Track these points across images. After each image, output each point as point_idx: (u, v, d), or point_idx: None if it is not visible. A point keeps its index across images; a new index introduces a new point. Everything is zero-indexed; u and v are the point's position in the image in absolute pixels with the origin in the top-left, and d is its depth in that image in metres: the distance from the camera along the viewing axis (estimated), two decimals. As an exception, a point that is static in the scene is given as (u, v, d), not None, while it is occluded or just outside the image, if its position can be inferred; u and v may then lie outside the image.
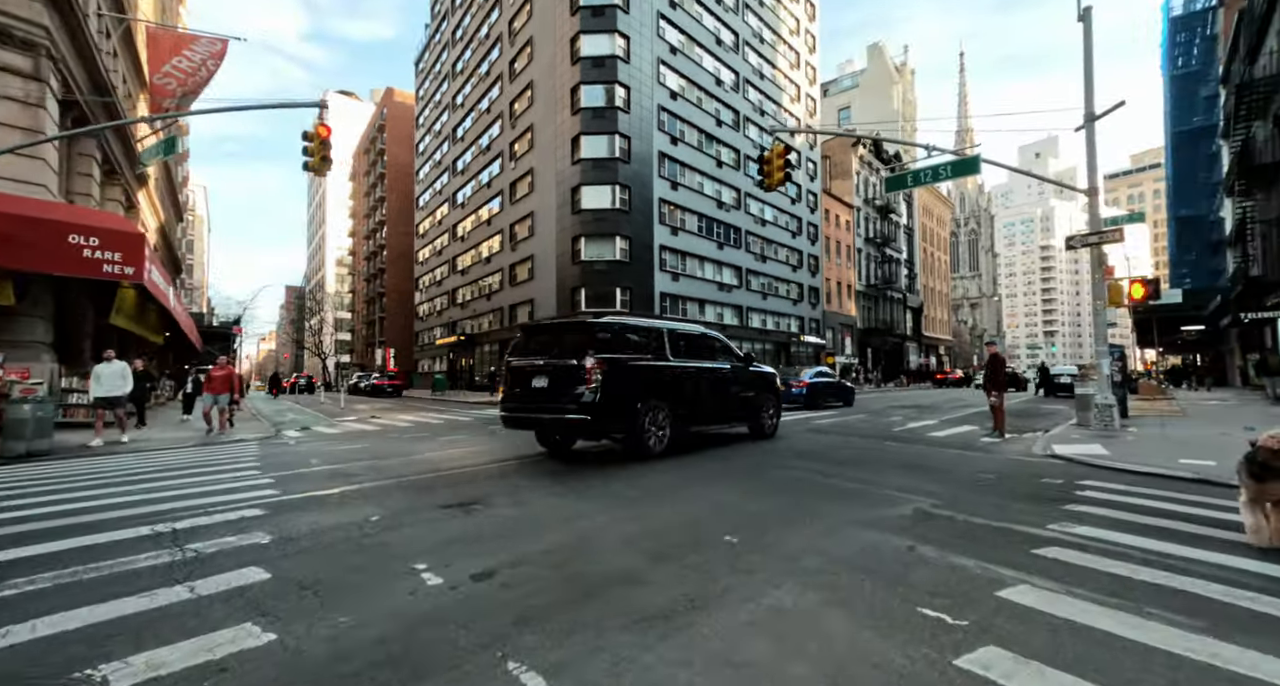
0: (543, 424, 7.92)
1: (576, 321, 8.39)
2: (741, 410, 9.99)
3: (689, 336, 9.22)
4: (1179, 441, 8.88)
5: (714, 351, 9.69)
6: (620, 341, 7.81)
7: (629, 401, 7.60)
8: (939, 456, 8.11)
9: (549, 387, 7.54)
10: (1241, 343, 32.19)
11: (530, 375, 7.79)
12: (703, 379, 9.04)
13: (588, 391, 7.16)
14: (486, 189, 41.21)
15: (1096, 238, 10.95)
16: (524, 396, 7.80)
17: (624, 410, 7.54)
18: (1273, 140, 22.40)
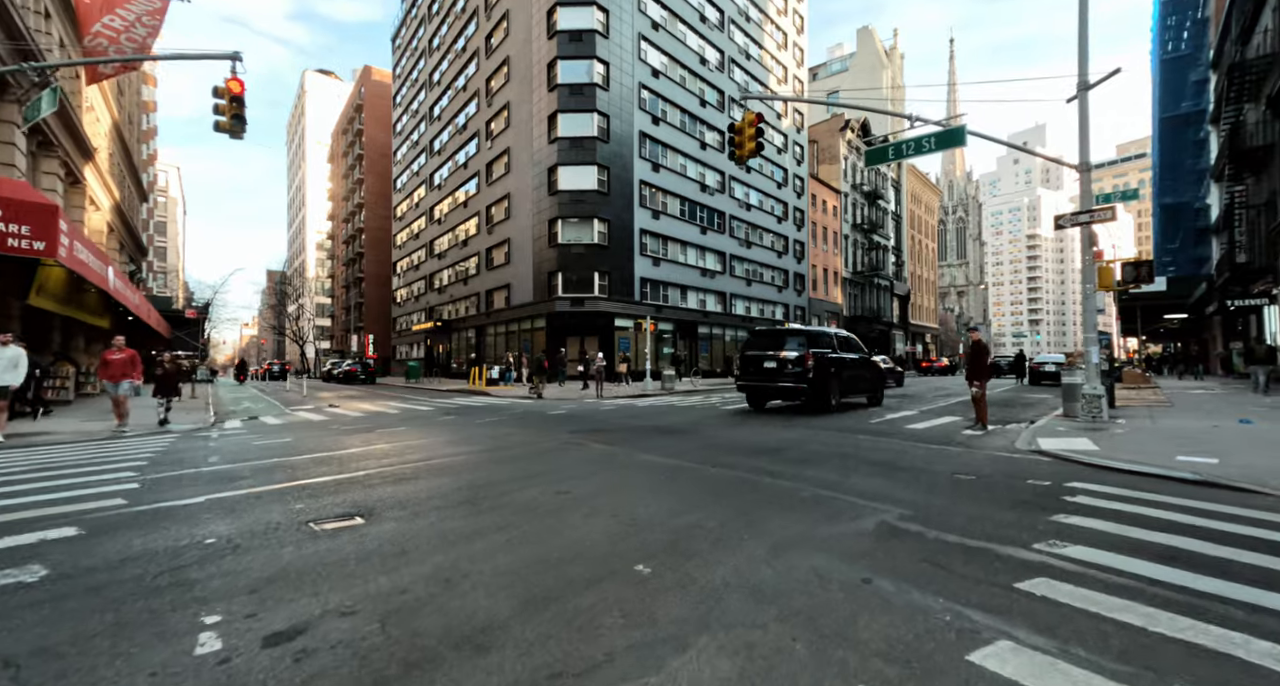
0: (767, 390, 12.91)
1: (795, 329, 13.13)
2: (866, 386, 14.57)
3: (842, 337, 14.12)
4: (1172, 435, 8.23)
5: (854, 347, 14.46)
6: (815, 341, 12.85)
7: (822, 378, 12.49)
8: (915, 453, 7.38)
9: (776, 369, 12.55)
10: (1224, 331, 32.00)
11: (762, 361, 12.86)
12: (850, 365, 13.72)
13: (805, 371, 12.18)
14: (463, 170, 39.86)
15: (1088, 216, 10.23)
16: (756, 374, 12.94)
17: (820, 382, 12.48)
18: (1264, 122, 21.84)
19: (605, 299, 29.22)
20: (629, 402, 17.30)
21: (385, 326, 57.84)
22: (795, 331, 12.98)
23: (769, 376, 12.61)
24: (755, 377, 12.90)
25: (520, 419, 12.17)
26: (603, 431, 9.80)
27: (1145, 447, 7.25)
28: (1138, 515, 4.32)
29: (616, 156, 30.26)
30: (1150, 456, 6.62)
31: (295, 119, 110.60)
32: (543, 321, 29.91)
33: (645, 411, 13.73)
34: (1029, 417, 12.11)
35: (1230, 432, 8.26)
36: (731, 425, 10.60)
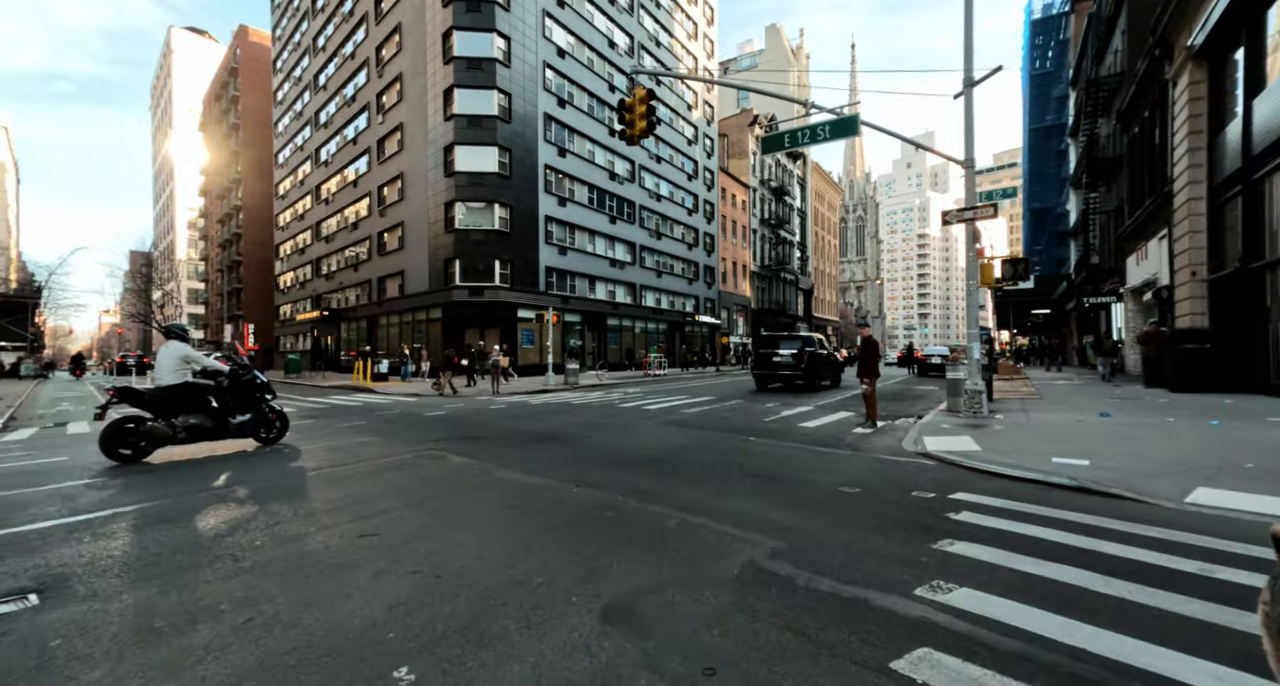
0: (774, 376, 17.92)
1: (791, 334, 18.81)
2: (830, 373, 19.23)
3: (816, 339, 18.85)
4: (1045, 431, 8.35)
5: (823, 346, 19.17)
6: (806, 342, 18.09)
7: (811, 367, 17.54)
8: (802, 460, 6.92)
9: (781, 361, 17.73)
10: (1079, 325, 35.48)
11: (770, 356, 18.06)
12: (823, 359, 18.45)
13: (800, 363, 17.36)
14: (353, 145, 36.48)
15: (971, 213, 10.33)
16: (766, 365, 18.03)
17: (810, 370, 17.52)
18: (1115, 136, 24.01)
19: (507, 288, 27.69)
20: (523, 400, 16.18)
21: (267, 315, 52.52)
22: (792, 336, 18.90)
23: (775, 366, 18.02)
24: (765, 367, 18.23)
25: (388, 423, 10.78)
26: (474, 438, 8.71)
27: (1022, 447, 7.20)
28: (1023, 538, 3.91)
29: (519, 138, 28.65)
30: (1028, 457, 6.51)
31: (161, 82, 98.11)
32: (439, 312, 27.91)
33: (535, 411, 12.71)
34: (917, 411, 12.28)
35: (1094, 428, 8.49)
36: (621, 429, 9.84)
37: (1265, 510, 4.45)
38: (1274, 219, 12.08)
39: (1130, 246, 21.77)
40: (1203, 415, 9.33)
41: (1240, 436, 7.29)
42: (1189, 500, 4.81)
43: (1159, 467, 5.81)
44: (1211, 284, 14.96)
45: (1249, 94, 12.91)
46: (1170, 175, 16.88)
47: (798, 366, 17.52)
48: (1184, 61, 15.45)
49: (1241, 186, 13.06)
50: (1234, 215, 14.01)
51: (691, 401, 14.68)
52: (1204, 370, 13.20)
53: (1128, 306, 22.33)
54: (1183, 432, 7.73)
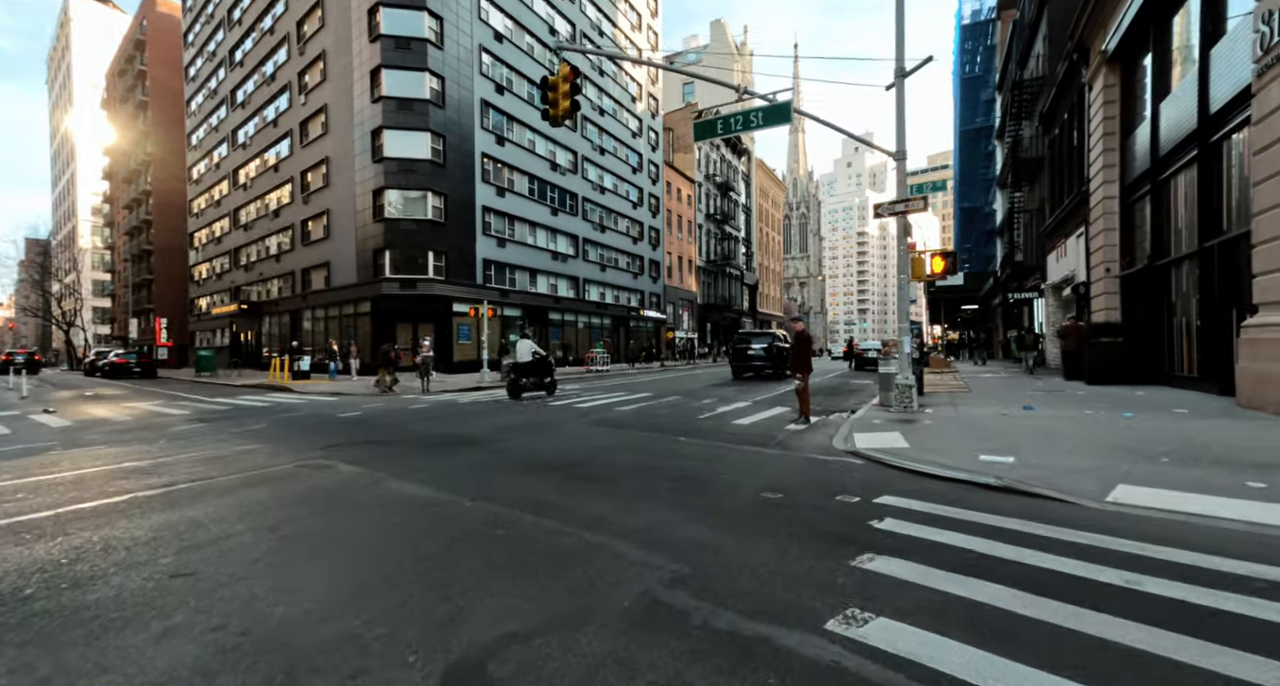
0: (748, 366, 20.82)
1: (765, 332, 21.59)
2: None
3: (780, 335, 22.14)
4: (971, 426, 8.31)
5: (785, 341, 21.50)
6: (773, 338, 21.34)
7: (779, 360, 20.40)
8: (728, 461, 6.54)
9: (754, 354, 20.81)
10: (1004, 320, 37.19)
11: (746, 350, 21.02)
12: (788, 350, 17.75)
13: (769, 356, 20.43)
14: (273, 127, 34.00)
15: (903, 205, 10.24)
16: (742, 357, 21.05)
17: (779, 363, 20.32)
18: (1037, 137, 25.06)
19: (442, 281, 26.42)
20: (452, 399, 15.30)
21: (182, 309, 48.73)
22: (762, 333, 22.27)
23: (749, 359, 21.09)
24: (741, 360, 21.35)
25: (289, 426, 9.78)
26: (378, 443, 7.92)
27: (950, 443, 7.07)
28: (946, 549, 3.59)
29: (454, 125, 27.34)
30: (955, 455, 6.34)
31: (58, 54, 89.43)
32: (368, 305, 26.36)
33: (460, 411, 11.92)
34: (851, 406, 12.23)
35: (1018, 422, 8.51)
36: (546, 430, 9.23)
37: (1179, 508, 4.35)
38: (1179, 218, 12.65)
39: (1051, 244, 22.76)
40: (1117, 407, 9.56)
41: (1152, 430, 7.40)
42: (1110, 499, 4.67)
43: (1080, 463, 5.72)
44: (1124, 280, 15.67)
45: (1156, 98, 13.47)
46: (1087, 175, 17.61)
47: (768, 358, 20.90)
48: (1099, 65, 16.07)
49: (1150, 186, 13.65)
50: (1143, 214, 14.67)
51: (628, 399, 14.22)
52: (1117, 363, 13.75)
53: (1048, 302, 23.38)
54: (1100, 426, 7.81)
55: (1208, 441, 6.48)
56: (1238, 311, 10.12)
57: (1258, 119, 8.46)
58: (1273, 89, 8.06)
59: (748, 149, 71.35)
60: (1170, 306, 13.24)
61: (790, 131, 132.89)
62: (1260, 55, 8.31)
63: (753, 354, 20.94)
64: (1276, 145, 8.03)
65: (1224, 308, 10.43)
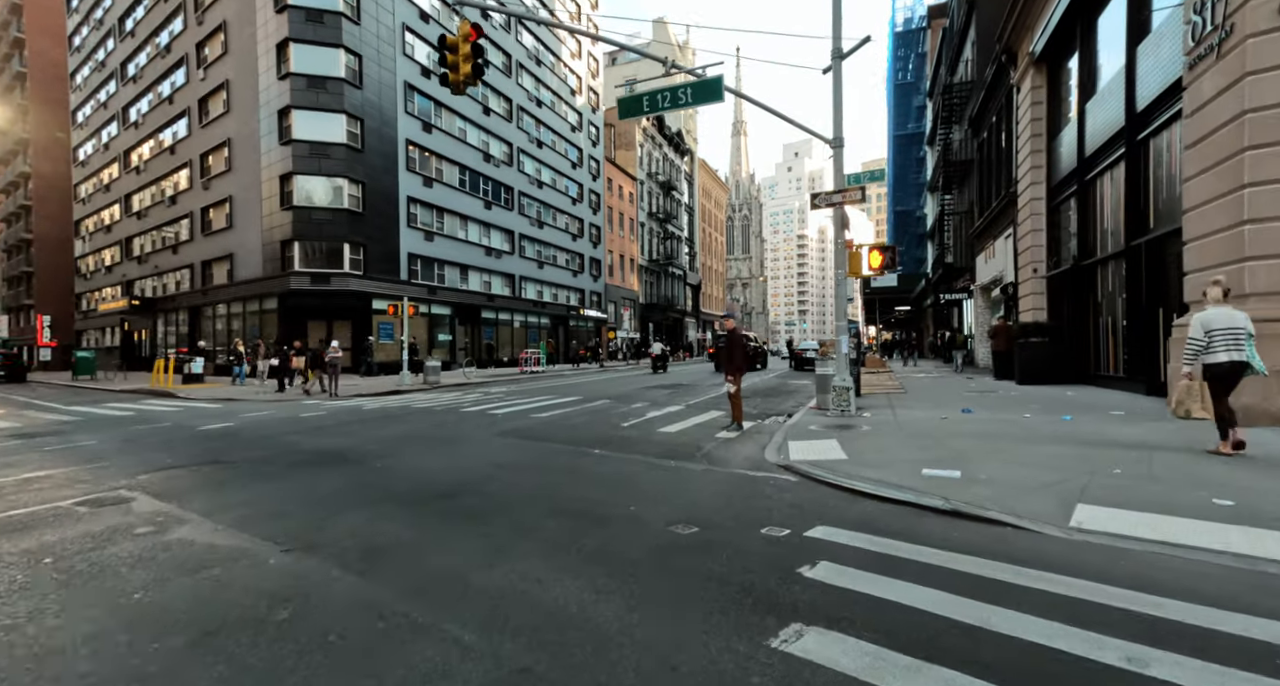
0: None
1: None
2: (759, 360, 28.49)
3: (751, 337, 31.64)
4: (912, 431, 7.69)
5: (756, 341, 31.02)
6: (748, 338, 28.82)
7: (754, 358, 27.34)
8: (642, 481, 5.57)
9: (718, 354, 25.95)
10: (935, 321, 38.26)
11: None
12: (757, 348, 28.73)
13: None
14: (169, 105, 30.70)
15: (840, 195, 9.61)
16: None
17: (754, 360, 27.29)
18: (966, 140, 25.59)
19: (360, 276, 24.39)
20: (358, 404, 13.73)
21: (67, 305, 43.77)
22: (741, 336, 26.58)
23: None
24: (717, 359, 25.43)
25: (131, 442, 8.12)
26: (227, 463, 6.51)
27: (891, 453, 6.36)
28: (894, 610, 2.72)
29: (374, 108, 25.33)
30: (897, 468, 5.61)
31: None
32: (274, 302, 24.01)
33: (358, 419, 10.48)
34: (788, 409, 11.58)
35: (959, 427, 7.98)
36: (443, 443, 8.01)
37: (1152, 535, 3.70)
38: (1105, 218, 12.69)
39: (980, 245, 23.18)
40: (1053, 409, 9.24)
41: (1095, 435, 6.96)
42: (1074, 522, 3.99)
43: (1032, 477, 5.08)
44: (1050, 281, 15.82)
45: (1083, 98, 13.54)
46: (1015, 177, 17.80)
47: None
48: (1026, 67, 16.19)
49: (1077, 187, 13.71)
50: (1069, 215, 14.80)
51: (553, 403, 13.09)
52: (1046, 363, 13.74)
53: (978, 302, 23.83)
54: (1042, 432, 7.33)
55: (1155, 449, 6.02)
56: (1165, 311, 10.04)
57: (1189, 112, 8.26)
58: (1205, 80, 7.84)
59: (690, 148, 71.30)
60: (1096, 306, 13.31)
61: (732, 134, 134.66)
62: (1191, 46, 8.09)
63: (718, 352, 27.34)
64: (1209, 139, 7.81)
65: (1151, 307, 10.36)
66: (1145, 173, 10.76)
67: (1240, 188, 7.21)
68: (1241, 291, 7.20)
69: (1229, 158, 7.39)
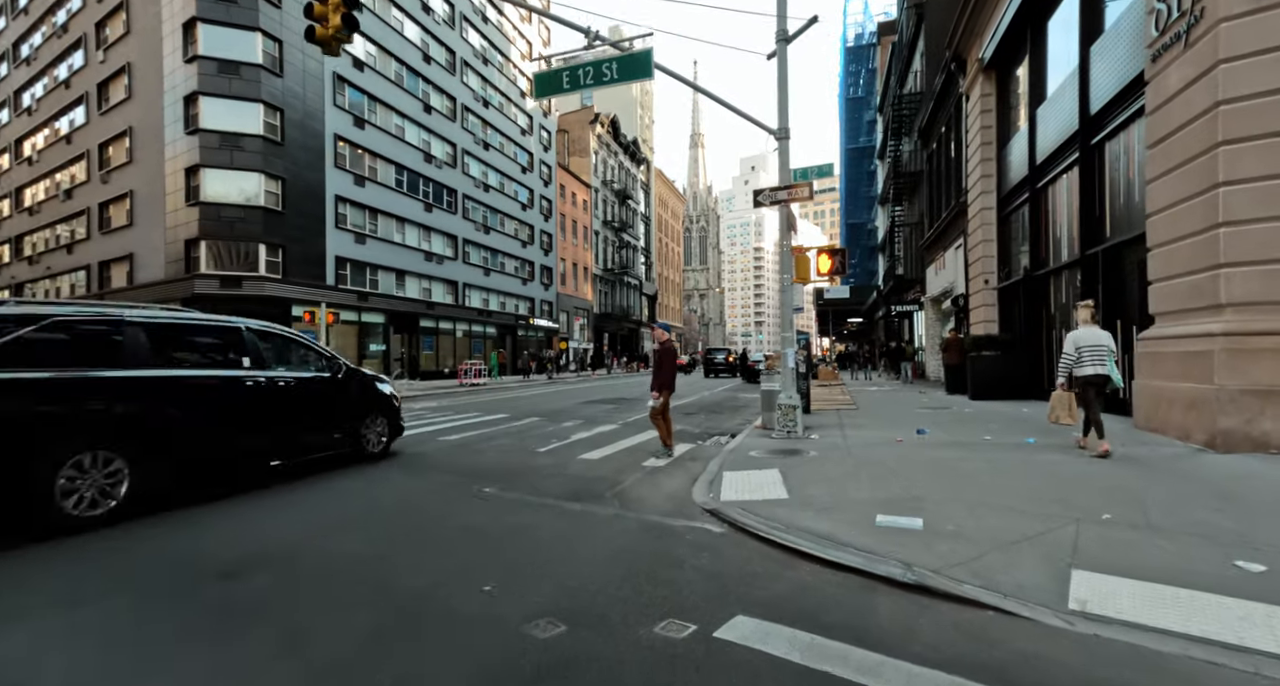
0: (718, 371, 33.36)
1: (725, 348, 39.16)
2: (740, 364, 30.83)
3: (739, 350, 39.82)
4: (864, 460, 6.68)
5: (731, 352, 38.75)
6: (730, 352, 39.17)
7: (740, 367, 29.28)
8: (524, 541, 4.30)
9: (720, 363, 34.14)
10: (886, 332, 38.38)
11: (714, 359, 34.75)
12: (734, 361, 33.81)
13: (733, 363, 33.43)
14: (65, 89, 27.83)
15: (785, 192, 8.66)
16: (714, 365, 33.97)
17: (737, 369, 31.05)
18: (916, 151, 25.52)
19: (278, 280, 22.30)
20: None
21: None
22: (722, 348, 36.69)
23: (718, 366, 33.22)
24: (712, 367, 33.19)
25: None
26: None
27: (840, 489, 5.29)
28: None
29: (297, 98, 23.40)
30: (846, 512, 4.52)
31: None
32: (176, 308, 21.64)
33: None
34: (732, 428, 10.54)
35: (915, 454, 7.03)
36: (278, 493, 6.54)
37: (1183, 627, 2.69)
38: (1058, 226, 12.22)
39: (930, 257, 22.95)
40: (1014, 430, 8.45)
41: (1065, 465, 6.09)
42: (1075, 603, 2.95)
43: (1008, 527, 4.06)
44: (1002, 292, 15.39)
45: (1034, 103, 13.14)
46: (965, 187, 17.46)
47: (729, 365, 33.19)
48: (976, 74, 15.85)
49: (1028, 195, 13.26)
50: (1020, 224, 14.38)
51: (473, 422, 11.66)
52: (999, 377, 13.15)
53: (928, 314, 23.57)
54: (1007, 460, 6.43)
55: (1140, 485, 5.14)
56: (1124, 322, 9.46)
57: (1152, 108, 7.64)
58: (1171, 72, 7.21)
59: (646, 157, 70.86)
60: (1049, 318, 12.81)
61: (690, 146, 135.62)
62: (1155, 36, 7.48)
63: (719, 362, 33.55)
64: (1175, 136, 7.17)
65: (1108, 319, 9.77)
66: (1101, 178, 10.25)
67: (1213, 187, 6.54)
68: (1216, 301, 6.51)
69: (1200, 155, 6.73)
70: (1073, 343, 6.42)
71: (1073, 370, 6.42)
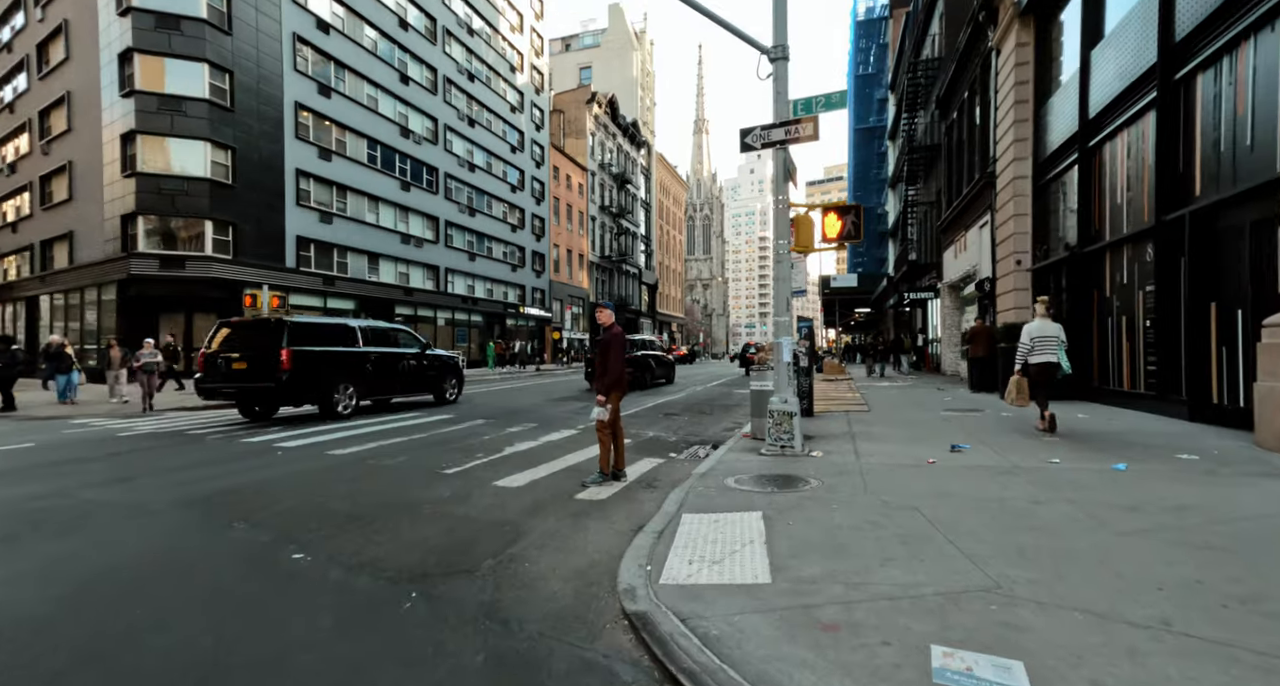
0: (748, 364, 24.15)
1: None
2: None
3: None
4: (890, 502, 4.58)
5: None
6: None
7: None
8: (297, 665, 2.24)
9: None
10: (896, 323, 36.14)
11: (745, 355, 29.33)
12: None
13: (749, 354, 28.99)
14: (7, 53, 25.74)
15: (783, 131, 6.49)
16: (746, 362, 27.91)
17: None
18: (933, 122, 23.18)
19: (228, 260, 20.25)
20: (166, 426, 9.94)
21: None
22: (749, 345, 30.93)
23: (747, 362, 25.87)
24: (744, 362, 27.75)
25: None
26: None
27: (857, 569, 3.19)
28: None
29: (249, 60, 21.20)
30: (873, 630, 2.42)
31: None
32: (113, 290, 19.63)
33: (81, 452, 6.80)
34: (716, 434, 8.48)
35: (963, 491, 4.91)
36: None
37: None
38: (1119, 190, 10.01)
39: (948, 239, 20.71)
40: (1086, 448, 6.32)
41: (1201, 509, 3.96)
42: None
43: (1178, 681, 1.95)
44: (1036, 273, 13.21)
45: (1086, 46, 10.88)
46: (993, 156, 15.21)
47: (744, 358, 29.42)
48: (1010, 22, 13.56)
49: (1077, 155, 11.05)
50: (1062, 193, 12.18)
51: (398, 426, 9.62)
52: (1040, 373, 10.97)
53: (944, 302, 21.36)
54: (1108, 503, 4.29)
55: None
56: (1218, 306, 7.30)
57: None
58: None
59: (647, 141, 68.29)
60: (1104, 303, 10.64)
61: (694, 132, 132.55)
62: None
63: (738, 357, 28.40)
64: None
65: (1198, 302, 7.61)
66: (1189, 121, 8.04)
67: None
68: None
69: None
70: (1028, 334, 7.28)
71: (1027, 358, 7.22)
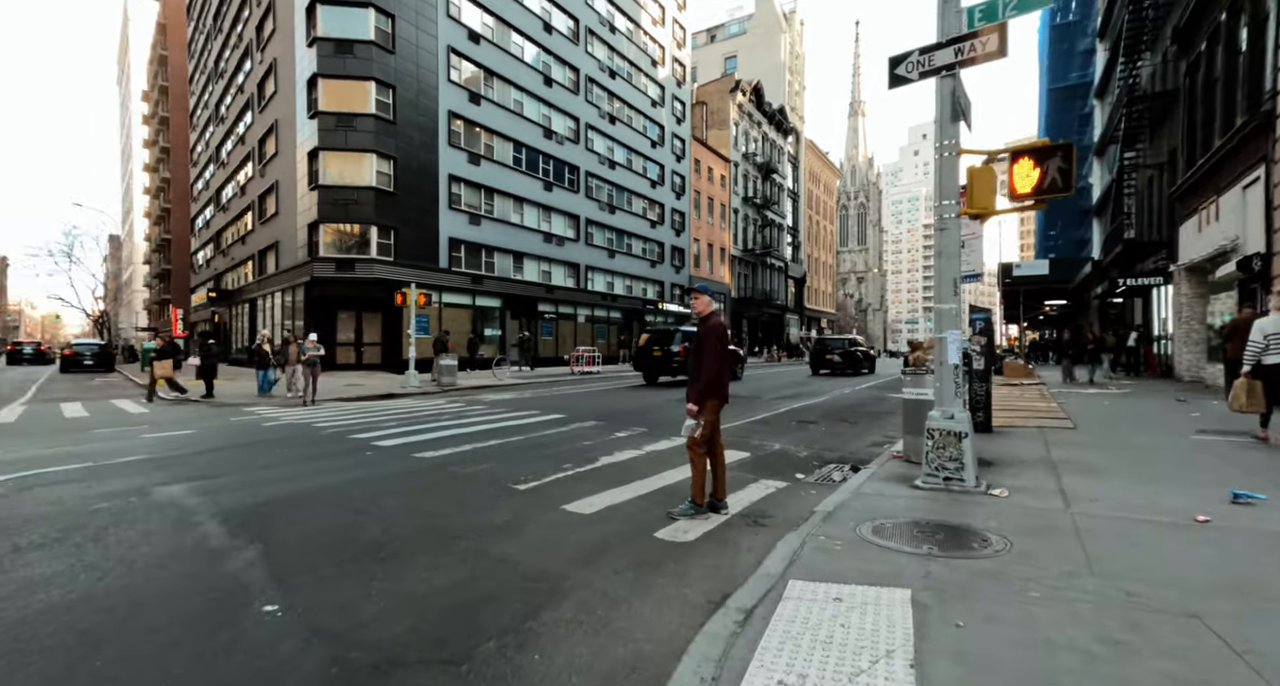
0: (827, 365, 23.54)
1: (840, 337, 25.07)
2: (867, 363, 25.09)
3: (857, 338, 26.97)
4: (1133, 601, 2.82)
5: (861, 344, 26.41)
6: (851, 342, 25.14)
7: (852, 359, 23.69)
8: None
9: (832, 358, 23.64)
10: (1101, 318, 29.64)
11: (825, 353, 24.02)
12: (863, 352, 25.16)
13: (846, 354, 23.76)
14: (240, 94, 30.82)
15: (953, 51, 4.73)
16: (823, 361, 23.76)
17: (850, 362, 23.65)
18: (1168, 62, 18.18)
19: (389, 262, 22.13)
20: (304, 418, 10.74)
21: (189, 298, 47.29)
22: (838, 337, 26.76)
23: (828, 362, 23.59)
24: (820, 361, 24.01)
25: None
26: None
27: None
28: None
29: (410, 75, 22.92)
30: None
31: (122, 51, 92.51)
32: (302, 292, 22.41)
33: (201, 448, 7.25)
34: (853, 453, 6.84)
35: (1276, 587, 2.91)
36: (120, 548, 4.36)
37: None
38: None
39: (1189, 207, 16.01)
40: None
41: None
42: None
43: None
44: (1349, 245, 9.32)
45: None
46: (1270, 88, 11.18)
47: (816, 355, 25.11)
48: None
49: None
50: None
51: (499, 427, 9.21)
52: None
53: (1181, 289, 16.61)
54: None
55: None
56: None
57: None
58: None
59: (795, 128, 64.52)
60: None
61: (849, 115, 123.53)
62: None
63: (830, 357, 23.58)
64: None
65: None
66: None
67: None
68: None
69: None
70: (1259, 331, 6.35)
71: (1260, 358, 6.25)
